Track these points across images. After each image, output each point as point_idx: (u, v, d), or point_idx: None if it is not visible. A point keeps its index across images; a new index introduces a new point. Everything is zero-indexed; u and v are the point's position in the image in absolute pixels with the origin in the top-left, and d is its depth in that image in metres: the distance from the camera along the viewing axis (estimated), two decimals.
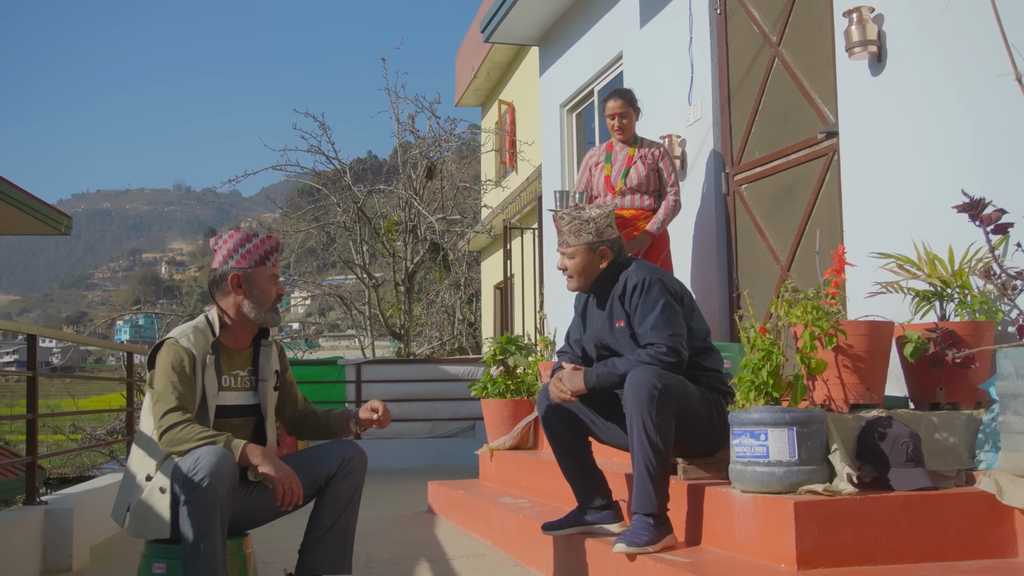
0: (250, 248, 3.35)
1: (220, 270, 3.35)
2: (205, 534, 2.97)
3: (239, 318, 3.35)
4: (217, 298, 3.37)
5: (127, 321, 49.97)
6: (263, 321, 3.37)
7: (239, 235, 3.40)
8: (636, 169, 5.81)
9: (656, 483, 3.39)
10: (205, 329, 3.31)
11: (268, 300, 3.35)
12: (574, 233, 3.79)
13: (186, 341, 3.22)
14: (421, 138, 15.95)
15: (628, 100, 5.86)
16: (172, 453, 3.09)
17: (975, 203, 3.31)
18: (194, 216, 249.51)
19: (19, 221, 13.16)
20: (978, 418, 3.52)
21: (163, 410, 3.10)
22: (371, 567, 4.56)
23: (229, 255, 3.35)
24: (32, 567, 4.54)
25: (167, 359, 3.17)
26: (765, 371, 3.29)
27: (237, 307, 3.34)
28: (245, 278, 3.32)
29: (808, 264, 5.20)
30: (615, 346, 3.77)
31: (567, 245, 3.82)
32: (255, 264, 3.34)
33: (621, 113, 5.83)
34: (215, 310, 3.37)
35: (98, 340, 14.54)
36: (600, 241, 3.79)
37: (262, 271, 3.35)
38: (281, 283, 3.45)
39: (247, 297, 3.33)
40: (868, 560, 3.08)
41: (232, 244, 3.36)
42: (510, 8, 8.54)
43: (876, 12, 4.52)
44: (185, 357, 3.18)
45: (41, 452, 5.29)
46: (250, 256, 3.34)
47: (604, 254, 3.81)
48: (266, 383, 3.43)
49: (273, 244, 3.40)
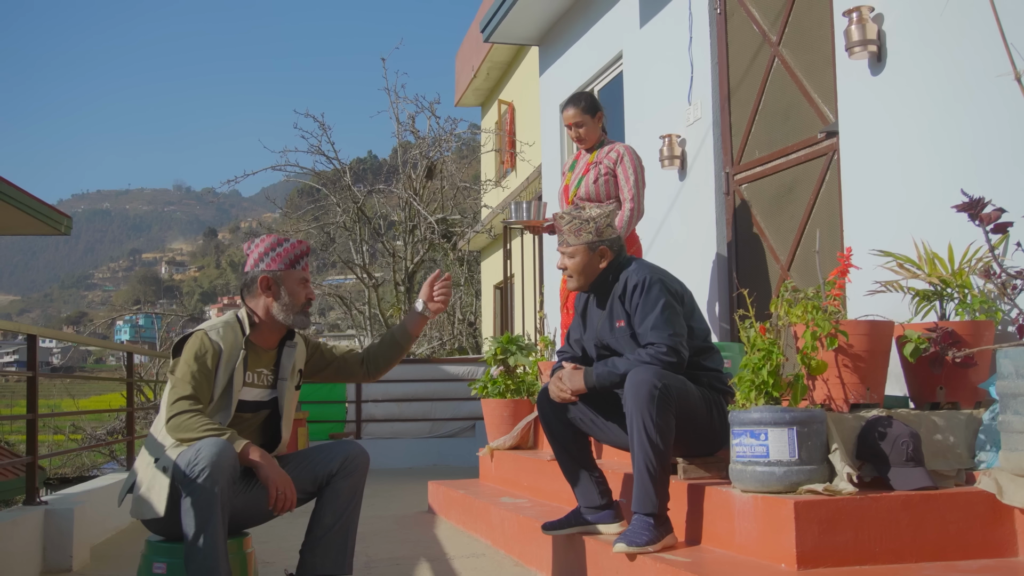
0: (280, 252, 3.42)
1: (251, 273, 3.42)
2: (206, 525, 2.98)
3: (268, 319, 3.41)
4: (247, 300, 3.43)
5: (127, 321, 49.98)
6: (292, 323, 3.42)
7: (271, 239, 3.46)
8: (588, 178, 5.36)
9: (656, 483, 3.39)
10: (235, 326, 3.37)
11: (297, 303, 3.41)
12: (574, 233, 3.79)
13: (215, 334, 3.29)
14: (421, 138, 15.95)
15: (583, 107, 5.37)
16: (176, 439, 3.14)
17: (974, 202, 3.31)
18: (194, 216, 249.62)
19: (19, 221, 13.16)
20: (978, 417, 3.52)
21: (176, 396, 3.17)
22: (371, 567, 4.57)
23: (260, 258, 3.42)
24: (32, 567, 4.54)
25: (192, 348, 3.25)
26: (765, 371, 3.29)
27: (266, 309, 3.39)
28: (275, 280, 3.38)
29: (808, 264, 5.20)
30: (615, 346, 3.77)
31: (567, 244, 3.82)
32: (285, 267, 3.40)
33: (576, 122, 5.37)
34: (244, 310, 3.42)
35: (98, 340, 14.55)
36: (600, 240, 3.79)
37: (292, 274, 3.41)
38: (311, 288, 3.50)
39: (276, 299, 3.39)
40: (868, 560, 3.08)
41: (264, 247, 3.43)
42: (510, 8, 8.55)
43: (876, 12, 4.52)
44: (210, 349, 3.25)
45: (41, 452, 5.30)
46: (280, 259, 3.40)
47: (604, 254, 3.81)
48: (286, 382, 3.48)
49: (304, 249, 3.47)
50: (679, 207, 6.56)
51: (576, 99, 5.39)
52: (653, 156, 6.75)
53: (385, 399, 11.14)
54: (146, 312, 27.68)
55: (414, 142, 16.11)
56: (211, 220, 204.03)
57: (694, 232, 6.33)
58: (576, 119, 5.32)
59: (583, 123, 5.34)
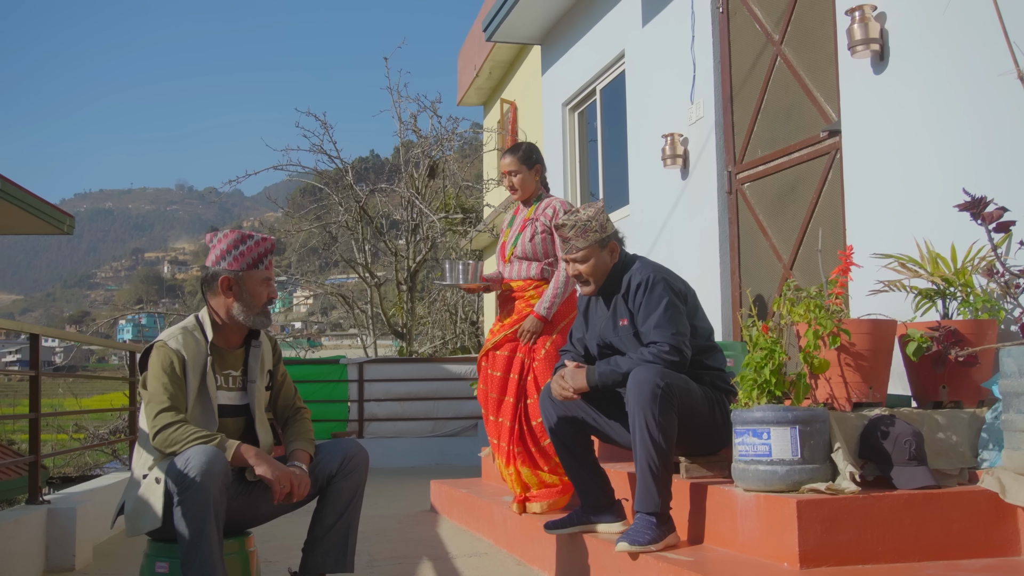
0: (243, 250, 3.34)
1: (212, 270, 3.35)
2: (201, 533, 2.97)
3: (229, 319, 3.35)
4: (208, 297, 3.38)
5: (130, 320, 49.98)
6: (252, 324, 3.36)
7: (234, 235, 3.37)
8: (524, 235, 4.88)
9: (659, 482, 3.38)
10: (195, 330, 3.32)
11: (258, 303, 3.35)
12: (580, 235, 3.74)
13: (174, 343, 3.24)
14: (423, 137, 15.95)
15: (520, 156, 4.90)
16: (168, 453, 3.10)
17: (977, 201, 3.31)
18: (196, 215, 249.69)
19: (21, 221, 13.17)
20: (981, 416, 3.51)
21: (155, 411, 3.14)
22: (374, 566, 4.57)
23: (222, 256, 3.34)
24: (35, 566, 4.54)
25: (157, 362, 3.21)
26: (768, 369, 3.29)
27: (227, 309, 3.34)
28: (236, 281, 3.32)
29: (811, 262, 5.20)
30: (618, 344, 3.77)
31: (576, 249, 3.76)
32: (247, 267, 3.33)
33: (512, 170, 4.90)
34: (206, 310, 3.38)
35: (101, 339, 14.56)
36: (607, 236, 3.77)
37: (253, 275, 3.34)
38: (274, 286, 3.44)
39: (237, 300, 3.32)
40: (871, 559, 3.07)
41: (226, 245, 3.35)
42: (512, 7, 8.55)
43: (878, 10, 4.51)
44: (174, 358, 3.21)
45: (44, 451, 5.30)
46: (243, 259, 3.33)
47: (613, 248, 3.79)
48: (255, 384, 3.43)
49: (268, 246, 3.39)
50: (681, 206, 6.56)
51: (515, 148, 4.96)
52: (655, 155, 6.75)
53: (387, 398, 11.15)
54: (148, 311, 27.64)
55: (416, 141, 16.12)
56: (214, 219, 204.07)
57: (696, 231, 6.32)
58: (512, 167, 4.90)
59: (519, 172, 4.89)
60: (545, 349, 4.71)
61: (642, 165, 7.20)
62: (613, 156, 8.08)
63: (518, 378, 4.77)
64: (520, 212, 5.00)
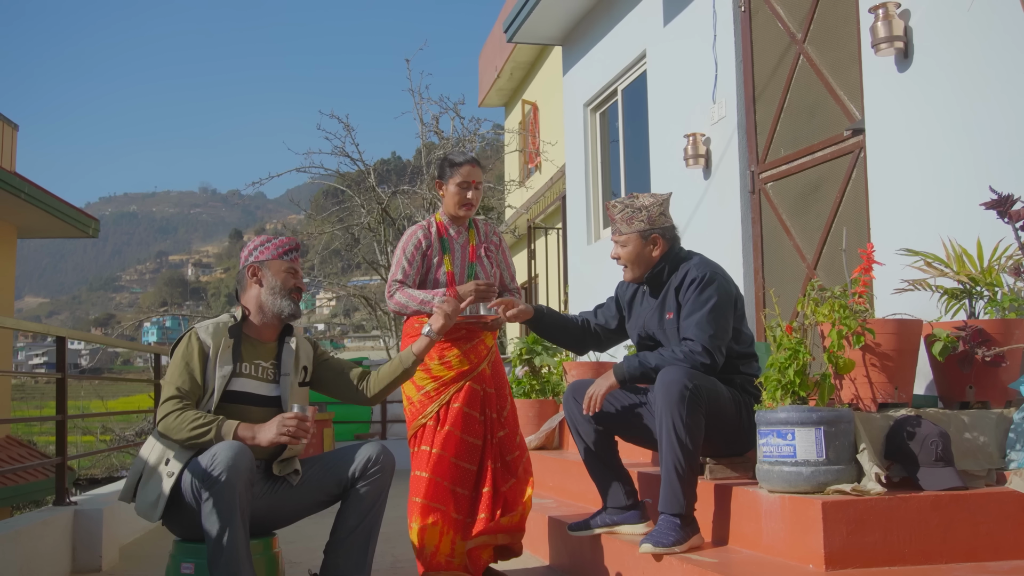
0: (269, 245, 3.55)
1: (241, 268, 3.56)
2: (227, 528, 3.01)
3: (260, 311, 3.48)
4: (241, 297, 3.54)
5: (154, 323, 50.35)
6: (279, 308, 3.47)
7: (260, 238, 3.62)
8: (483, 266, 4.28)
9: (684, 483, 3.37)
10: (227, 322, 3.44)
11: (285, 287, 3.48)
12: (626, 221, 3.76)
13: (204, 332, 3.36)
14: (445, 139, 15.96)
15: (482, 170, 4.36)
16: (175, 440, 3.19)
17: (1003, 200, 3.28)
18: (220, 218, 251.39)
19: (48, 224, 13.30)
20: (1008, 417, 3.48)
21: (164, 397, 3.27)
22: (397, 567, 4.58)
23: (250, 253, 3.56)
24: (62, 567, 4.58)
25: (179, 349, 3.35)
26: (792, 370, 3.27)
27: (256, 299, 3.49)
28: (260, 267, 3.50)
29: (835, 262, 5.17)
30: (661, 338, 3.74)
31: (619, 233, 3.80)
32: (272, 257, 3.52)
33: (478, 183, 4.27)
34: (240, 309, 3.52)
35: (126, 342, 14.67)
36: (652, 229, 3.76)
37: (278, 263, 3.51)
38: (301, 278, 3.57)
39: (263, 285, 3.48)
40: (897, 560, 3.05)
41: (253, 244, 3.59)
42: (533, 8, 8.55)
43: (902, 8, 4.48)
44: (196, 348, 3.32)
45: (71, 453, 5.34)
46: (268, 251, 3.53)
47: (656, 242, 3.77)
48: (288, 377, 3.49)
49: (293, 243, 3.59)
50: (704, 206, 6.54)
51: (477, 160, 4.34)
52: (678, 155, 6.73)
53: None
54: (173, 314, 27.88)
55: (438, 143, 16.13)
56: (237, 222, 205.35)
57: (719, 231, 6.30)
58: (480, 179, 4.29)
59: (479, 186, 4.30)
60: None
61: (664, 165, 7.17)
62: (635, 156, 8.06)
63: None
64: (454, 235, 4.27)
